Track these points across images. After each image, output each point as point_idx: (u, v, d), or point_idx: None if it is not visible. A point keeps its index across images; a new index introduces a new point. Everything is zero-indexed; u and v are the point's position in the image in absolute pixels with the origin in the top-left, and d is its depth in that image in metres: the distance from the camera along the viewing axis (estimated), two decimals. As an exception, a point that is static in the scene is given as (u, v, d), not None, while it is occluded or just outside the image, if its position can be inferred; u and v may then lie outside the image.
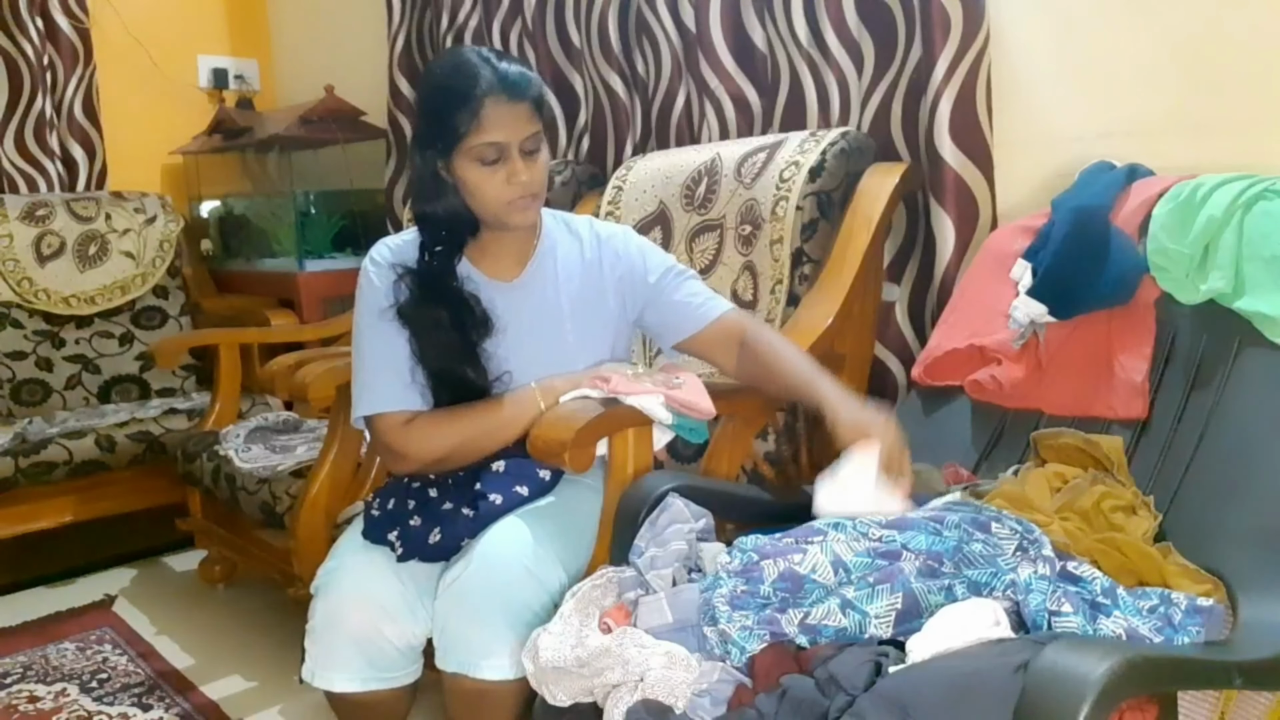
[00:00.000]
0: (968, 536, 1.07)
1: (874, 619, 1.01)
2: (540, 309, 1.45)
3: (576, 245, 1.50)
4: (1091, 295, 1.35)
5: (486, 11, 2.55)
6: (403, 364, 1.39)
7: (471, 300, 1.41)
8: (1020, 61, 1.65)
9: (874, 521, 1.13)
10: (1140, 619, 0.97)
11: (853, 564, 1.07)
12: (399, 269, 1.41)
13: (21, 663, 2.14)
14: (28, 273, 2.87)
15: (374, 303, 1.41)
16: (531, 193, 1.36)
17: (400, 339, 1.39)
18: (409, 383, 1.39)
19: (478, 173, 1.33)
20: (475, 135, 1.30)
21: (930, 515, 1.13)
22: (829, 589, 1.05)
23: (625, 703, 1.02)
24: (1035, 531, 1.06)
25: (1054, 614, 0.95)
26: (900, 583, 1.02)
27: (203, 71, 3.45)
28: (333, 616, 1.32)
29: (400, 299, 1.39)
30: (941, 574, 1.04)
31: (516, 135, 1.32)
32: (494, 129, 1.30)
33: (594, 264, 1.49)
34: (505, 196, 1.34)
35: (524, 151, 1.33)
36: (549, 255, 1.48)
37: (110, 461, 2.49)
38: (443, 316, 1.38)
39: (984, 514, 1.10)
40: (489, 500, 1.35)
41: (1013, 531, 1.06)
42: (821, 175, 1.71)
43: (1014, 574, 1.01)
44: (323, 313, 2.89)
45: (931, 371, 1.51)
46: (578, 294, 1.47)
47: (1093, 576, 1.01)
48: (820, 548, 1.09)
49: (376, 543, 1.36)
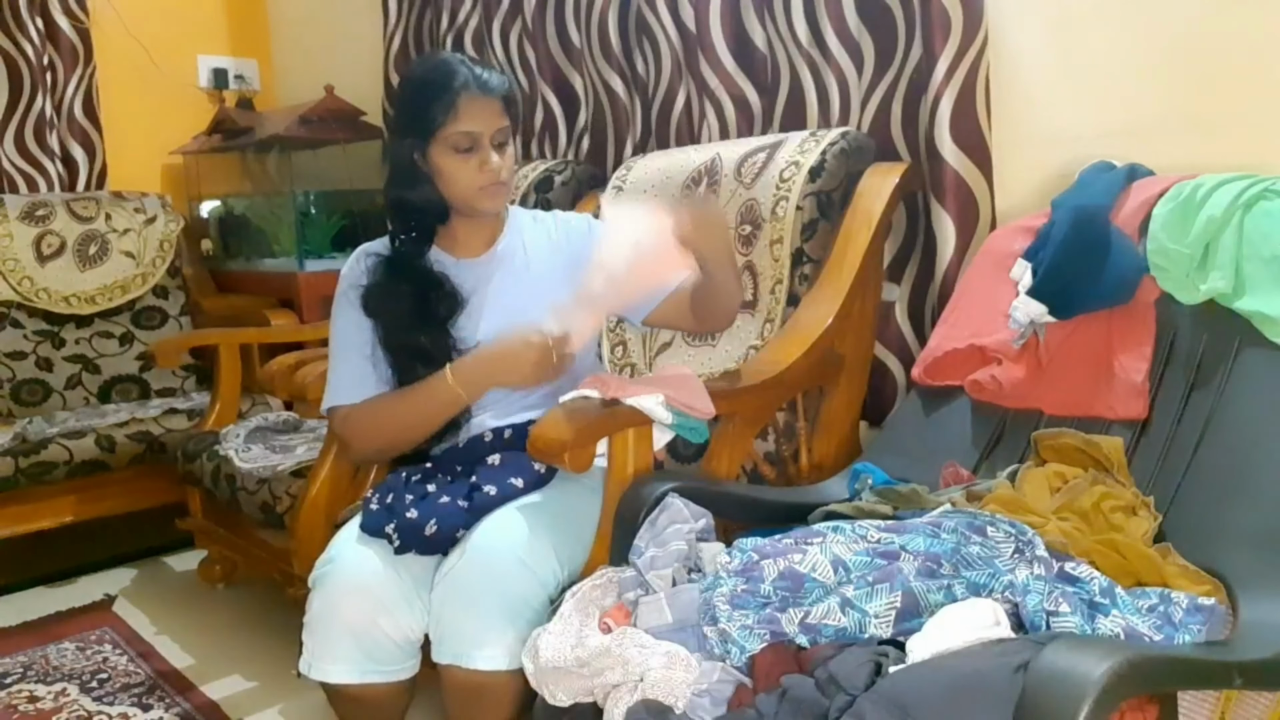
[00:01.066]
0: (965, 540, 1.07)
1: (874, 618, 1.01)
2: (509, 280, 1.54)
3: (543, 229, 1.61)
4: (1091, 295, 1.35)
5: (486, 11, 2.55)
6: (362, 350, 1.49)
7: (440, 277, 1.50)
8: (1020, 61, 1.65)
9: (872, 524, 1.14)
10: (1139, 617, 0.97)
11: (852, 563, 1.07)
12: (372, 258, 1.53)
13: (21, 663, 2.14)
14: (28, 272, 2.87)
15: (341, 291, 1.52)
16: (501, 179, 1.47)
17: (363, 324, 1.49)
18: (367, 371, 1.48)
19: (452, 160, 1.44)
20: (451, 125, 1.42)
21: (927, 520, 1.14)
22: (829, 588, 1.05)
23: (625, 703, 1.02)
24: (1029, 533, 1.06)
25: (1051, 614, 0.95)
26: (899, 582, 1.03)
27: (203, 71, 3.45)
28: (329, 608, 1.33)
29: (369, 283, 1.50)
30: (940, 575, 1.04)
31: (488, 127, 1.44)
32: (468, 120, 1.42)
33: (560, 244, 1.59)
34: (477, 182, 1.45)
35: (494, 143, 1.45)
36: (516, 236, 1.59)
37: (110, 461, 2.49)
38: (405, 292, 1.48)
39: (979, 519, 1.11)
40: (484, 492, 1.37)
41: (1007, 535, 1.07)
42: (821, 175, 1.71)
43: (1012, 575, 1.01)
44: (323, 313, 2.88)
45: (931, 371, 1.51)
46: (545, 269, 1.56)
47: (1090, 576, 1.01)
48: (820, 548, 1.09)
49: (374, 535, 1.37)
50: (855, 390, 1.70)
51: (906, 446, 1.49)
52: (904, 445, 1.50)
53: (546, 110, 2.46)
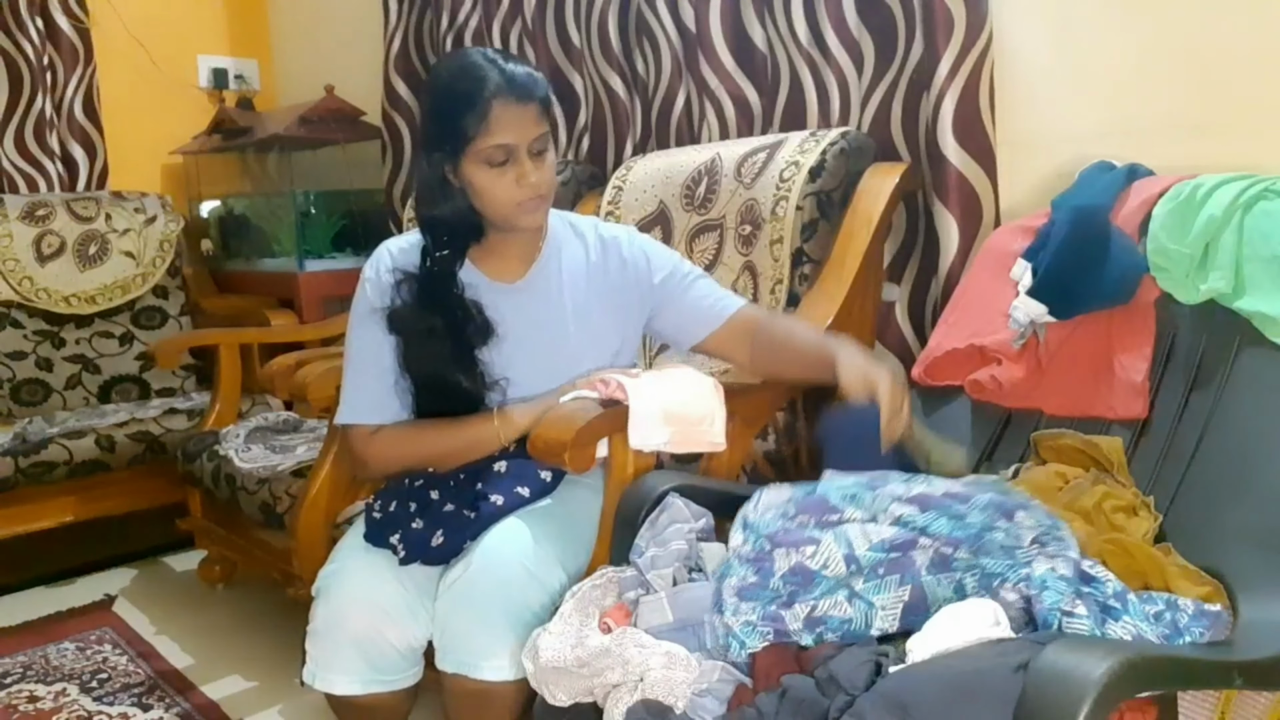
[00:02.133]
0: (990, 523, 1.03)
1: (880, 610, 1.00)
2: (544, 311, 1.44)
3: (582, 248, 1.49)
4: (1092, 295, 1.35)
5: (486, 11, 2.55)
6: (385, 370, 1.40)
7: (473, 307, 1.40)
8: (1022, 61, 1.65)
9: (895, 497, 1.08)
10: (1148, 625, 0.96)
11: (864, 559, 1.04)
12: (399, 274, 1.41)
13: (21, 663, 2.14)
14: (28, 272, 2.87)
15: (365, 305, 1.42)
16: (540, 194, 1.35)
17: (386, 343, 1.39)
18: (388, 390, 1.40)
19: (486, 175, 1.32)
20: (484, 138, 1.29)
21: (957, 493, 1.08)
22: (838, 580, 1.04)
23: (625, 703, 1.02)
24: (1063, 529, 1.02)
25: (1067, 614, 0.94)
26: (910, 576, 1.01)
27: (203, 71, 3.45)
28: (334, 619, 1.31)
29: (397, 303, 1.39)
30: (954, 564, 1.01)
31: (525, 137, 1.31)
32: (502, 131, 1.29)
33: (599, 267, 1.48)
34: (515, 198, 1.33)
35: (532, 153, 1.32)
36: (554, 258, 1.47)
37: (110, 461, 2.49)
38: (438, 324, 1.37)
39: (1011, 499, 1.05)
40: (490, 501, 1.34)
41: (1038, 524, 1.02)
42: (821, 175, 1.71)
43: (1029, 568, 0.98)
44: (323, 313, 2.89)
45: (932, 371, 1.51)
46: (582, 298, 1.46)
47: (1106, 579, 0.99)
48: (834, 535, 1.06)
49: (378, 545, 1.36)
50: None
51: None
52: (904, 445, 1.50)
53: (546, 110, 2.46)
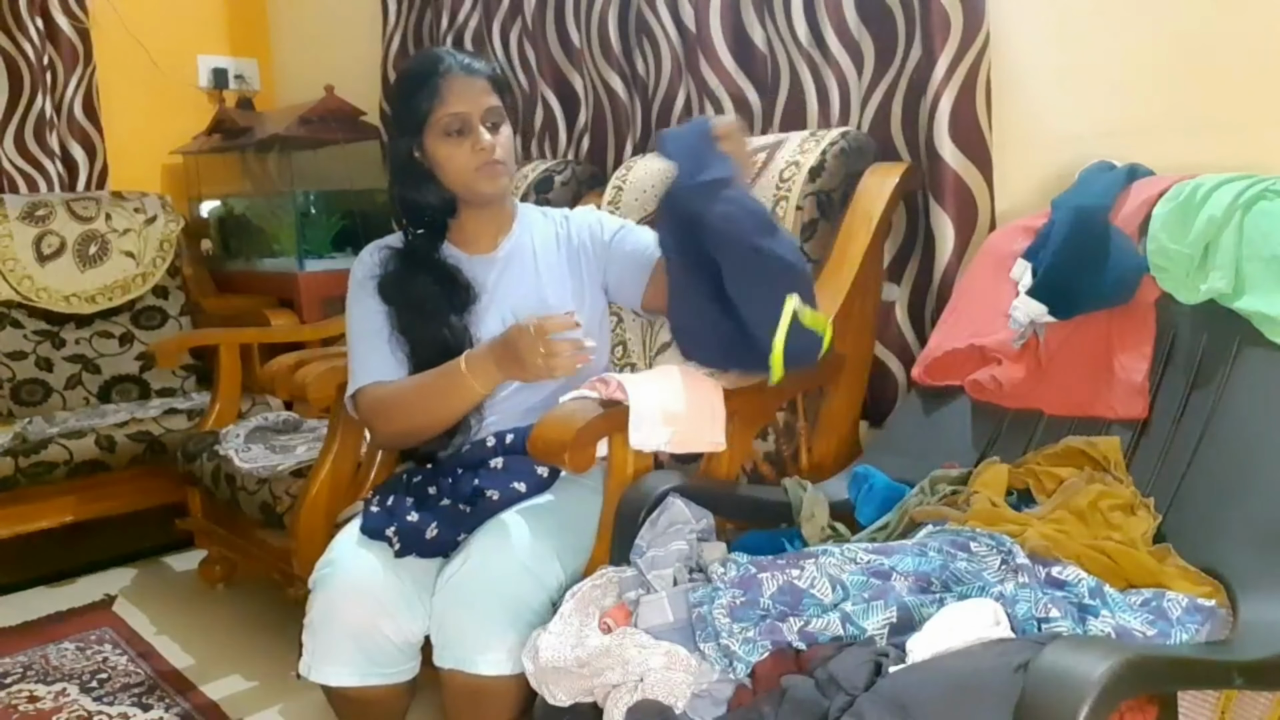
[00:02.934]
0: (951, 557, 1.07)
1: (870, 633, 1.01)
2: (519, 276, 1.56)
3: (551, 225, 1.64)
4: (1091, 295, 1.35)
5: (486, 11, 2.55)
6: (382, 334, 1.49)
7: (454, 271, 1.52)
8: (1020, 61, 1.65)
9: (861, 546, 1.14)
10: (1131, 614, 0.97)
11: (849, 582, 1.07)
12: (385, 250, 1.55)
13: (21, 663, 2.14)
14: (28, 272, 2.87)
15: (356, 283, 1.53)
16: (497, 158, 1.47)
17: (380, 311, 1.49)
18: (389, 354, 1.48)
19: (445, 146, 1.47)
20: (439, 109, 1.45)
21: (914, 542, 1.14)
22: (826, 606, 1.05)
23: (625, 703, 1.02)
24: (1007, 543, 1.06)
25: (1042, 620, 0.95)
26: (894, 598, 1.03)
27: (203, 71, 3.45)
28: (330, 611, 1.32)
29: (387, 274, 1.51)
30: (932, 591, 1.05)
31: (477, 107, 1.46)
32: (455, 100, 1.45)
33: (565, 238, 1.62)
34: (472, 164, 1.47)
35: (486, 124, 1.47)
36: (525, 232, 1.61)
37: (110, 461, 2.49)
38: (422, 282, 1.49)
39: (961, 535, 1.11)
40: (487, 496, 1.36)
41: (989, 548, 1.07)
42: (821, 175, 1.70)
43: (1001, 587, 1.01)
44: (323, 313, 2.89)
45: (931, 371, 1.51)
46: (554, 263, 1.59)
47: (1077, 579, 1.01)
48: (815, 566, 1.09)
49: (375, 538, 1.37)
50: (855, 390, 1.70)
51: (906, 446, 1.49)
52: (904, 445, 1.50)
53: (546, 110, 2.46)
